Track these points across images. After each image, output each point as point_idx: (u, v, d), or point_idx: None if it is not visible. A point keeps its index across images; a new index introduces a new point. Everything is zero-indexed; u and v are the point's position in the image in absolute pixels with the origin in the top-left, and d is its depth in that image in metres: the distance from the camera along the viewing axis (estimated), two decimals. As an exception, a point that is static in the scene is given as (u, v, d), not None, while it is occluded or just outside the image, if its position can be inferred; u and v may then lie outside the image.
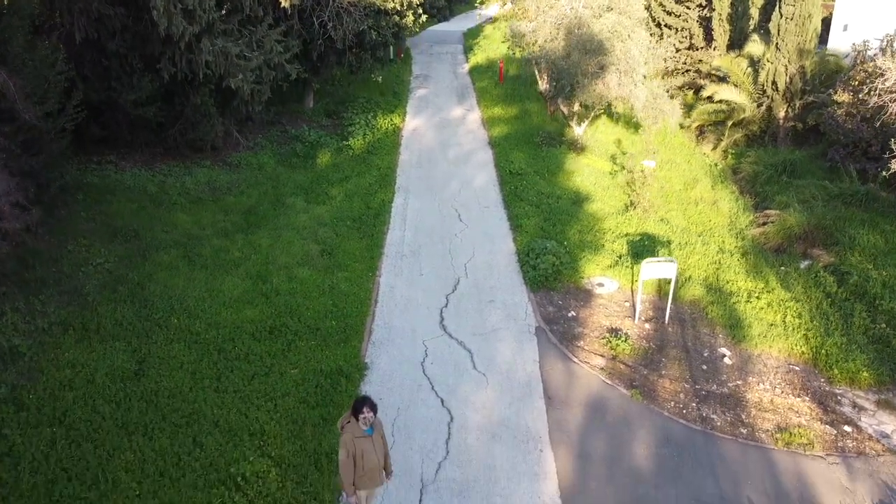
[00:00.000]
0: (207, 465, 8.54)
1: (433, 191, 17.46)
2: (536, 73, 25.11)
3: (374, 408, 7.03)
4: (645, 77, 18.47)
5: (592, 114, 20.46)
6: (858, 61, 18.38)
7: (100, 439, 8.77)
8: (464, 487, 8.60)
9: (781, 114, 22.27)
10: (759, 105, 22.58)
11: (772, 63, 21.88)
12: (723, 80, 24.19)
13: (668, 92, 21.09)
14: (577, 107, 20.41)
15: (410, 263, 13.98)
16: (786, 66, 21.59)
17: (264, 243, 14.18)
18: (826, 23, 24.34)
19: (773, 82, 22.02)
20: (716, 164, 22.22)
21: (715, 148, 23.66)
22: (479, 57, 31.08)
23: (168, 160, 17.64)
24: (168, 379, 10.00)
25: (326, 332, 11.43)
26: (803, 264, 15.25)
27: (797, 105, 21.90)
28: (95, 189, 15.32)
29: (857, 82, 18.24)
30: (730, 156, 22.89)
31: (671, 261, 11.97)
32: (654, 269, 11.91)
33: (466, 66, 30.21)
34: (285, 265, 13.44)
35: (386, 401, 9.96)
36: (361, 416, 6.97)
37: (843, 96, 18.39)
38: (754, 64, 23.20)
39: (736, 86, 23.01)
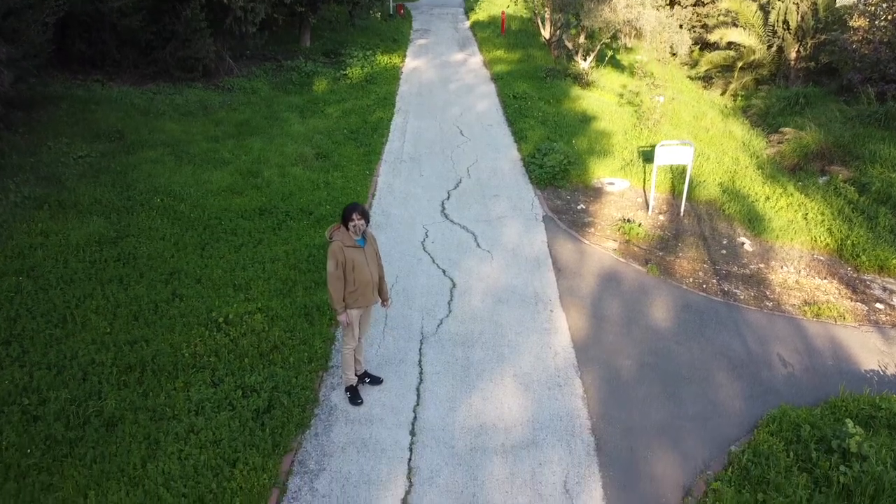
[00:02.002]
0: (187, 312, 7.79)
1: (434, 113, 16.75)
2: (539, 23, 24.51)
3: (365, 215, 6.29)
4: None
5: (599, 46, 19.77)
6: (875, -16, 17.73)
7: (70, 289, 8.02)
8: (467, 340, 7.85)
9: (793, 54, 21.62)
10: (770, 47, 21.94)
11: (782, 1, 21.24)
12: (732, 26, 23.54)
13: (677, 22, 20.41)
14: (582, 38, 19.74)
15: (410, 167, 13.27)
16: (797, 3, 20.96)
17: (256, 146, 13.47)
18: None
19: (785, 21, 21.39)
20: (725, 105, 21.53)
21: (724, 93, 23.01)
22: (480, 15, 30.45)
23: (158, 81, 16.92)
24: (148, 245, 9.26)
25: (320, 215, 10.69)
26: (821, 180, 14.53)
27: (809, 44, 21.25)
28: (80, 100, 14.58)
29: (873, 6, 17.58)
30: (739, 98, 22.23)
31: (688, 144, 11.26)
32: (670, 154, 11.21)
33: (467, 23, 29.58)
34: (278, 164, 12.72)
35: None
36: (351, 223, 6.23)
37: (858, 21, 17.73)
38: (764, 7, 22.55)
39: (745, 28, 22.36)
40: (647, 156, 13.72)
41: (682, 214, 11.65)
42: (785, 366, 7.80)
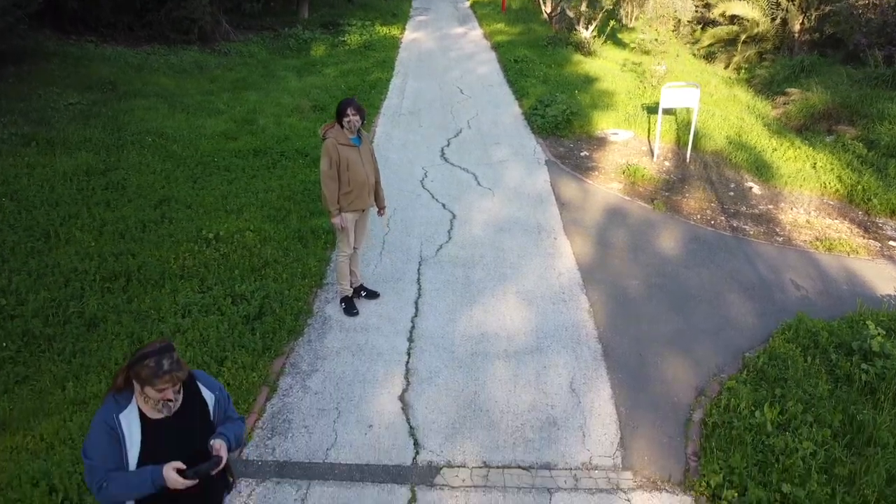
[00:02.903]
0: (175, 231, 7.48)
1: (433, 76, 16.46)
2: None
3: (360, 111, 5.98)
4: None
5: (601, 13, 19.50)
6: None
7: (55, 211, 7.72)
8: (468, 262, 7.55)
9: (797, 26, 21.32)
10: (773, 19, 21.65)
11: (786, -28, 20.96)
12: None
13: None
14: (584, 6, 19.48)
15: (408, 119, 12.97)
16: (801, -27, 20.68)
17: (252, 98, 13.19)
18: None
19: (788, -8, 21.09)
20: (729, 77, 21.23)
21: (727, 66, 22.72)
22: (480, -4, 30.19)
23: (153, 44, 16.62)
24: (138, 177, 8.96)
25: (316, 156, 10.35)
26: (828, 139, 14.23)
27: (813, 15, 20.95)
28: (72, 56, 14.25)
29: (880, -30, 17.30)
30: (742, 71, 21.94)
31: (694, 86, 10.97)
32: (676, 96, 10.91)
33: (467, 3, 29.33)
34: (274, 114, 12.43)
35: (381, 205, 8.90)
36: (346, 119, 5.92)
37: (865, -15, 17.44)
38: (767, -20, 22.25)
39: (748, 1, 22.09)
40: (651, 110, 13.42)
41: (688, 161, 11.35)
42: (798, 289, 7.49)
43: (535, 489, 4.47)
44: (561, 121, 12.23)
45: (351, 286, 6.55)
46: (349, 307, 6.46)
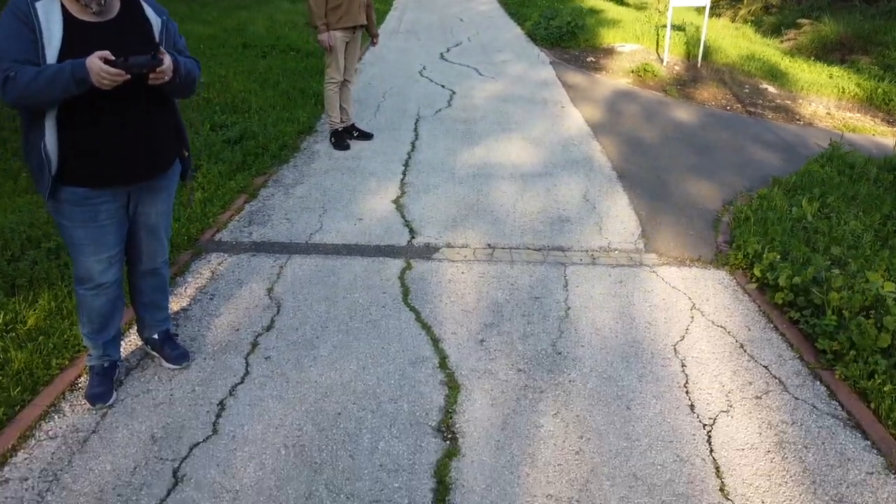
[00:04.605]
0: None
1: (433, 10, 15.96)
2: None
3: None
4: None
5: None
6: None
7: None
8: (469, 120, 7.00)
9: (804, -23, 20.80)
10: (780, -29, 21.15)
11: (794, -79, 20.46)
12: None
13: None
14: (587, -50, 18.94)
15: (406, 36, 12.42)
16: (809, -79, 20.16)
17: (243, 15, 12.64)
18: None
19: (796, -58, 20.59)
20: (736, 28, 20.71)
21: (733, 21, 22.21)
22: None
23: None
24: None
25: (308, 51, 9.84)
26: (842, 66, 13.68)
27: (821, -35, 20.44)
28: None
29: None
30: (749, 23, 21.42)
31: (706, -19, 10.43)
32: (687, -6, 10.37)
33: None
34: (266, 26, 11.86)
35: (376, 86, 8.37)
36: (335, -82, 5.37)
37: (876, -77, 16.93)
38: (774, -68, 21.77)
39: (755, -47, 21.60)
40: (659, 26, 12.90)
41: (699, 67, 10.81)
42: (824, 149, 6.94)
43: (546, 263, 3.91)
44: (565, 32, 11.70)
45: (341, 122, 6.00)
46: (339, 141, 5.91)
